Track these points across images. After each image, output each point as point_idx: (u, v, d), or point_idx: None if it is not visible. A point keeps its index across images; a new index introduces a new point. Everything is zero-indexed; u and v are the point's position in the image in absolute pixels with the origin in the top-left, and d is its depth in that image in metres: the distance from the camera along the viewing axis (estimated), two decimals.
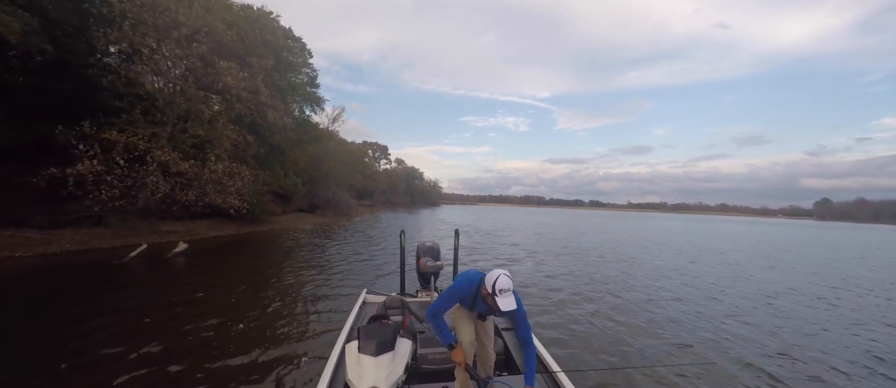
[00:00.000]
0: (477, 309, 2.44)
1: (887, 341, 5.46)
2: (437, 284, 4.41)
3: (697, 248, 18.02)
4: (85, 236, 10.79)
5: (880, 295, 8.75)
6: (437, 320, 2.35)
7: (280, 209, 21.81)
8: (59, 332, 4.50)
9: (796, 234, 36.74)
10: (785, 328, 5.88)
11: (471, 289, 2.35)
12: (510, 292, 2.11)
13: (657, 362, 4.30)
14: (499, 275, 2.13)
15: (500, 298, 2.08)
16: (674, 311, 6.61)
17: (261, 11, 20.16)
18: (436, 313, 2.36)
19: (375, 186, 60.17)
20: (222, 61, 12.69)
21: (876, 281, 10.68)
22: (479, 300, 2.32)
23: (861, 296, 8.60)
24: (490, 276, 2.18)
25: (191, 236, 13.13)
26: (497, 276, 2.13)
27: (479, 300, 2.32)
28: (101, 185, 10.48)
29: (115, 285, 6.85)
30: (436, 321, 2.35)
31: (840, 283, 10.16)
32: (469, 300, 2.39)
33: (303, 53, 25.46)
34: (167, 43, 11.57)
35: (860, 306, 7.58)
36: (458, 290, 2.39)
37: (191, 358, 3.97)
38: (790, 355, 4.77)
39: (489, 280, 2.16)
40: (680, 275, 10.37)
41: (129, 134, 11.33)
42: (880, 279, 11.02)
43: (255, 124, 15.93)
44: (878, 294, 8.84)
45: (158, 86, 12.88)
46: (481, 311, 2.44)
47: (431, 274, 4.32)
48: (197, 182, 12.85)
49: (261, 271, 8.71)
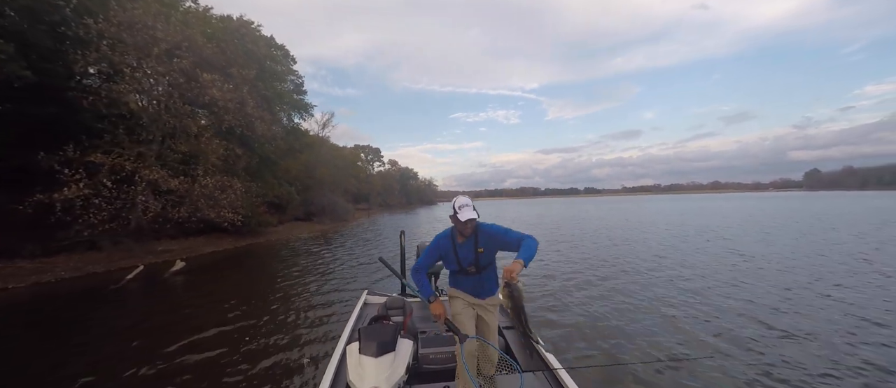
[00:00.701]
0: (461, 256, 2.42)
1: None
2: (437, 284, 4.41)
3: (699, 231, 18.24)
4: (79, 262, 10.63)
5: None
6: (418, 276, 2.48)
7: (276, 220, 21.64)
8: (59, 361, 4.45)
9: (787, 206, 37.36)
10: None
11: (447, 235, 2.46)
12: (469, 205, 2.30)
13: (662, 356, 4.29)
14: (456, 198, 2.37)
15: (460, 212, 2.26)
16: (684, 301, 6.70)
17: (241, 21, 19.91)
18: (418, 268, 2.49)
19: (370, 190, 59.93)
20: (205, 74, 12.53)
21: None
22: (458, 245, 2.40)
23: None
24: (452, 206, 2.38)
25: (187, 253, 13.00)
26: (455, 200, 2.37)
27: (458, 245, 2.40)
28: (90, 208, 10.31)
29: (113, 310, 6.77)
30: (417, 276, 2.47)
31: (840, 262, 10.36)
32: (450, 250, 2.43)
33: (286, 61, 25.22)
34: (148, 60, 11.37)
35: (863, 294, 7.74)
36: (436, 243, 2.47)
37: (194, 368, 4.00)
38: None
39: (452, 206, 2.37)
40: (682, 262, 10.50)
41: (115, 155, 11.16)
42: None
43: (244, 136, 15.77)
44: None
45: (142, 104, 12.68)
46: (464, 255, 2.42)
47: (432, 274, 4.32)
48: (188, 198, 12.71)
49: (260, 282, 8.67)
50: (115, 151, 11.25)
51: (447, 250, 2.45)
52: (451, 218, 2.36)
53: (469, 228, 2.32)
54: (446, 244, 2.45)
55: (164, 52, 11.52)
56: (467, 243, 2.39)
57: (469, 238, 2.39)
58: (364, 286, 7.08)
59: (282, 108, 24.45)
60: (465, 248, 2.40)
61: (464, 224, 2.29)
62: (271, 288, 7.94)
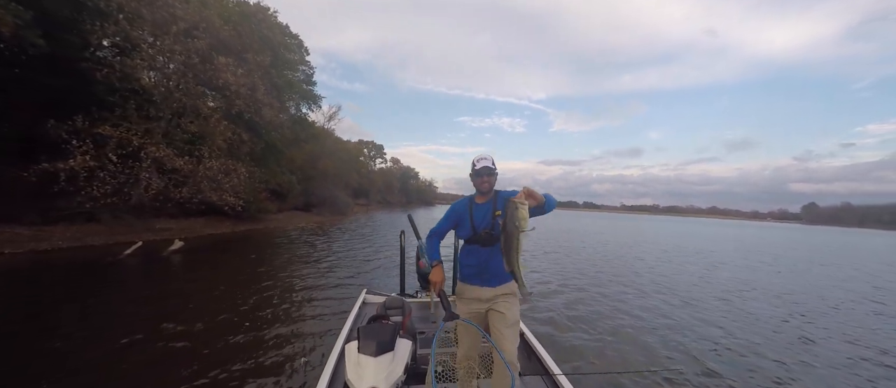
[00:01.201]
0: (476, 218, 2.21)
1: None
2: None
3: (703, 257, 18.22)
4: (77, 233, 10.58)
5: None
6: (431, 241, 2.39)
7: (276, 207, 21.61)
8: (54, 331, 4.41)
9: (789, 237, 37.35)
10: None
11: (464, 200, 2.33)
12: (488, 158, 2.20)
13: (663, 366, 4.32)
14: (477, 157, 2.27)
15: (479, 163, 2.18)
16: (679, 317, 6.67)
17: (258, 7, 19.96)
18: (433, 233, 2.40)
19: (371, 185, 59.95)
20: (221, 57, 12.54)
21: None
22: (475, 207, 2.24)
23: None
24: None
25: (186, 233, 12.95)
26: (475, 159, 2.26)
27: (475, 207, 2.24)
28: (94, 181, 10.29)
29: (110, 283, 6.73)
30: (430, 242, 2.39)
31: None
32: (466, 213, 2.25)
33: (299, 51, 25.27)
34: (165, 38, 11.38)
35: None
36: (454, 207, 2.35)
37: (190, 357, 3.92)
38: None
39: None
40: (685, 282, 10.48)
41: (123, 129, 11.14)
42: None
43: (252, 122, 15.77)
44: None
45: (155, 81, 12.68)
46: (480, 217, 2.20)
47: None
48: (192, 179, 12.69)
49: (259, 269, 8.62)
50: (123, 125, 11.23)
51: (462, 214, 2.28)
52: (471, 177, 2.25)
53: (487, 182, 2.17)
54: (462, 208, 2.30)
55: (182, 31, 11.54)
56: (485, 206, 2.22)
57: (488, 201, 2.22)
58: (363, 284, 7.07)
59: (291, 97, 24.46)
60: (483, 209, 2.22)
61: (480, 178, 2.17)
62: (269, 277, 7.88)
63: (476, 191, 2.27)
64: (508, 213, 1.78)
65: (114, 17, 10.73)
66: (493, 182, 2.21)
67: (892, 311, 7.79)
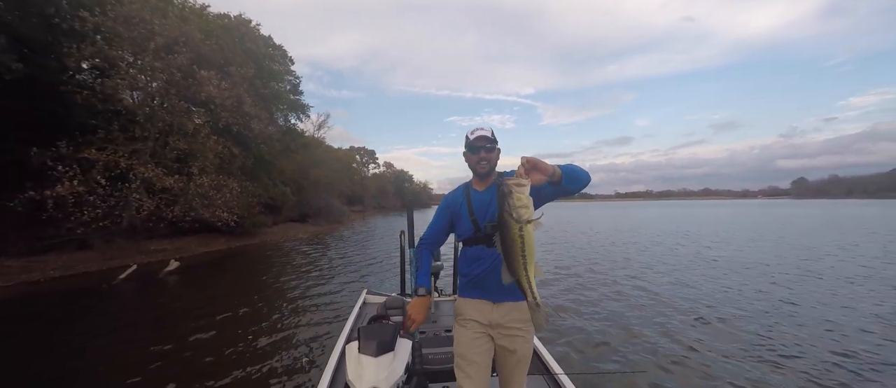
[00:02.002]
0: (477, 208, 1.67)
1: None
2: (437, 284, 4.36)
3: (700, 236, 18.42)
4: (69, 261, 10.35)
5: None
6: (419, 253, 1.82)
7: (270, 221, 21.40)
8: (53, 362, 4.29)
9: (777, 213, 37.89)
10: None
11: (459, 188, 1.79)
12: (485, 127, 1.67)
13: (669, 369, 4.23)
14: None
15: (473, 134, 1.64)
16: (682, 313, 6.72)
17: (239, 19, 19.74)
18: (422, 241, 1.85)
19: (365, 192, 59.69)
20: (202, 71, 12.37)
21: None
22: (473, 194, 1.70)
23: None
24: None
25: (180, 253, 12.75)
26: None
27: (473, 194, 1.70)
28: (84, 205, 10.08)
29: (106, 309, 6.60)
30: (418, 254, 1.82)
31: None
32: (462, 204, 1.71)
33: (284, 61, 25.06)
34: (144, 55, 11.19)
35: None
36: (446, 200, 1.81)
37: (191, 367, 3.93)
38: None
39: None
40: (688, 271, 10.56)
41: (109, 152, 10.94)
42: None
43: (241, 135, 15.58)
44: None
45: (138, 100, 12.46)
46: (481, 207, 1.66)
47: (432, 274, 4.30)
48: (183, 197, 12.49)
49: (257, 282, 8.54)
50: (108, 147, 11.02)
51: (459, 207, 1.73)
52: (465, 156, 1.71)
53: (486, 160, 1.63)
54: (457, 198, 1.75)
55: (161, 48, 11.35)
56: (487, 193, 1.66)
57: (490, 187, 1.67)
58: (363, 285, 7.07)
59: (278, 108, 24.26)
60: (484, 197, 1.66)
61: (477, 156, 1.62)
62: (268, 288, 7.82)
63: (473, 175, 1.74)
64: (500, 202, 1.29)
65: (91, 37, 10.52)
66: (494, 160, 1.67)
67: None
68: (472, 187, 1.73)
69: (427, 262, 1.79)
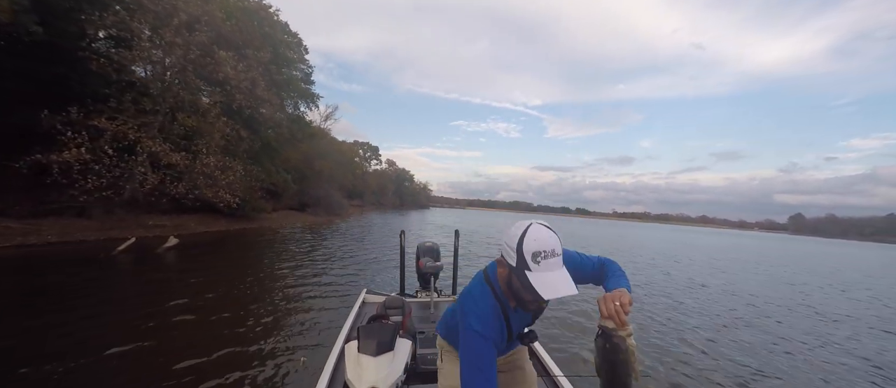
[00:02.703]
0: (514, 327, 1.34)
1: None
2: (436, 284, 4.35)
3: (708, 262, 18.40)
4: (66, 227, 10.28)
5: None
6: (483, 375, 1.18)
7: (270, 206, 21.35)
8: (49, 329, 4.25)
9: (781, 248, 37.97)
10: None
11: (489, 304, 1.26)
12: (557, 253, 1.09)
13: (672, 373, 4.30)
14: (528, 226, 1.12)
15: (540, 267, 1.07)
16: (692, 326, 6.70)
17: (259, 4, 19.81)
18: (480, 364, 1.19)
19: (365, 187, 59.63)
20: (221, 51, 12.39)
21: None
22: (511, 314, 1.31)
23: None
24: (511, 238, 1.13)
25: (179, 231, 12.67)
26: (525, 229, 1.11)
27: (511, 314, 1.31)
28: (89, 174, 10.05)
29: (104, 280, 6.54)
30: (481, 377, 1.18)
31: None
32: (502, 330, 1.29)
33: (299, 49, 25.13)
34: (166, 30, 11.21)
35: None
36: (485, 330, 1.21)
37: (186, 357, 3.83)
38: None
39: (512, 244, 1.11)
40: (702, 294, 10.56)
41: (119, 122, 10.92)
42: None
43: (251, 118, 15.58)
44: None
45: (152, 74, 12.47)
46: (518, 324, 1.35)
47: (431, 274, 4.27)
48: (188, 175, 12.47)
49: (257, 268, 8.48)
50: (119, 118, 11.00)
51: (498, 330, 1.27)
52: (514, 272, 1.13)
53: (535, 305, 1.26)
54: (495, 323, 1.25)
55: (184, 24, 11.38)
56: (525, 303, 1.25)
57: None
58: (363, 284, 7.02)
59: (289, 95, 24.29)
60: (527, 316, 1.38)
61: (529, 292, 1.09)
62: (268, 276, 7.76)
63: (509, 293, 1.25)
64: (615, 359, 0.96)
65: (113, 7, 10.54)
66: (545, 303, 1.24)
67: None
68: (509, 305, 1.29)
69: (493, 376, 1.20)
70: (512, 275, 1.15)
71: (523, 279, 1.08)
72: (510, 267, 1.14)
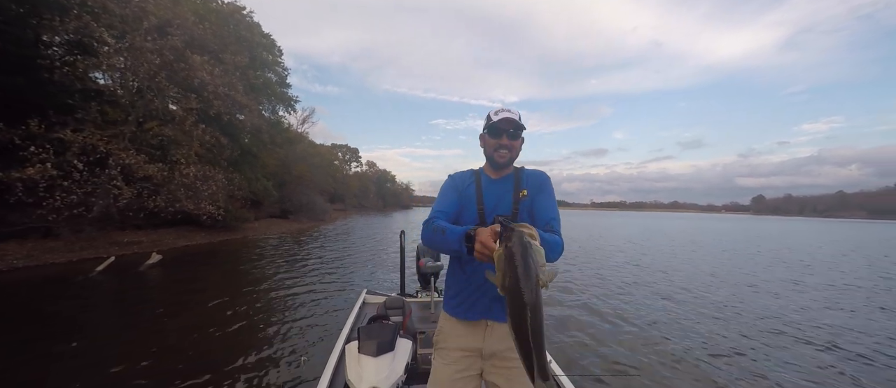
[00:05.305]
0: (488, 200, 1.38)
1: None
2: (437, 284, 4.32)
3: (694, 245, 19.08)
4: (33, 250, 9.48)
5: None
6: (429, 226, 1.29)
7: (252, 215, 20.58)
8: (35, 359, 3.90)
9: (748, 228, 40.14)
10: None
11: (467, 175, 1.47)
12: (510, 110, 1.36)
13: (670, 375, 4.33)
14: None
15: (497, 115, 1.35)
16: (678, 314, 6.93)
17: (233, 6, 18.98)
18: (430, 219, 1.34)
19: (346, 190, 58.54)
20: (195, 55, 11.76)
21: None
22: (485, 183, 1.42)
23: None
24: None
25: (157, 246, 11.97)
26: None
27: (485, 183, 1.42)
28: (56, 191, 9.31)
29: (86, 302, 6.09)
30: (429, 228, 1.29)
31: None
32: (472, 191, 1.40)
33: (274, 51, 24.32)
34: (135, 35, 10.51)
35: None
36: (452, 181, 1.47)
37: (185, 364, 3.77)
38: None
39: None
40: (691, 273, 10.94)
41: (86, 134, 10.15)
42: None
43: (230, 125, 14.91)
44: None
45: (122, 81, 11.68)
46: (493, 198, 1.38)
47: (431, 274, 4.28)
48: (166, 187, 11.78)
49: (247, 278, 8.18)
50: (86, 129, 10.23)
51: (466, 188, 1.42)
52: (482, 138, 1.44)
53: (508, 148, 1.36)
54: (465, 179, 1.44)
55: (154, 28, 10.70)
56: (503, 182, 1.40)
57: (506, 176, 1.42)
58: (362, 284, 6.93)
59: (267, 99, 23.47)
60: (499, 187, 1.40)
61: (498, 140, 1.34)
62: (260, 284, 7.52)
63: (487, 161, 1.46)
64: (514, 255, 0.85)
65: (75, 12, 9.76)
66: (516, 150, 1.39)
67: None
68: (484, 173, 1.45)
69: (439, 223, 1.27)
70: (484, 138, 1.44)
71: (487, 126, 1.40)
72: (481, 135, 1.46)
